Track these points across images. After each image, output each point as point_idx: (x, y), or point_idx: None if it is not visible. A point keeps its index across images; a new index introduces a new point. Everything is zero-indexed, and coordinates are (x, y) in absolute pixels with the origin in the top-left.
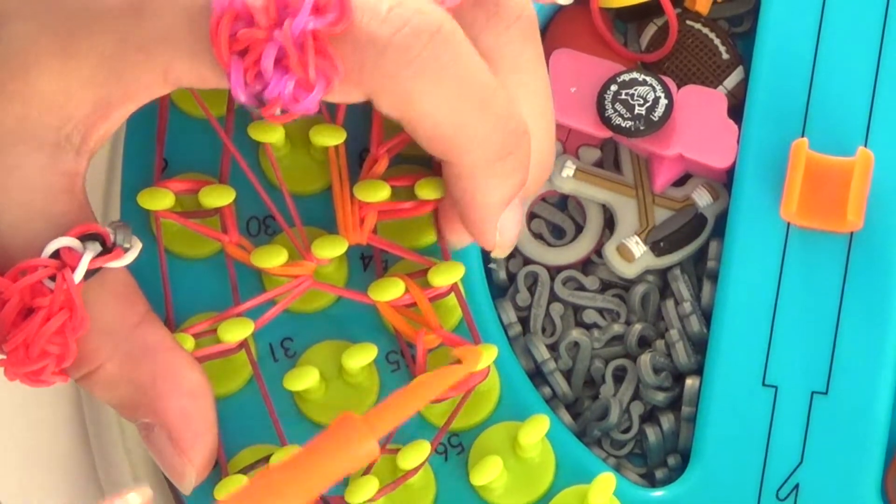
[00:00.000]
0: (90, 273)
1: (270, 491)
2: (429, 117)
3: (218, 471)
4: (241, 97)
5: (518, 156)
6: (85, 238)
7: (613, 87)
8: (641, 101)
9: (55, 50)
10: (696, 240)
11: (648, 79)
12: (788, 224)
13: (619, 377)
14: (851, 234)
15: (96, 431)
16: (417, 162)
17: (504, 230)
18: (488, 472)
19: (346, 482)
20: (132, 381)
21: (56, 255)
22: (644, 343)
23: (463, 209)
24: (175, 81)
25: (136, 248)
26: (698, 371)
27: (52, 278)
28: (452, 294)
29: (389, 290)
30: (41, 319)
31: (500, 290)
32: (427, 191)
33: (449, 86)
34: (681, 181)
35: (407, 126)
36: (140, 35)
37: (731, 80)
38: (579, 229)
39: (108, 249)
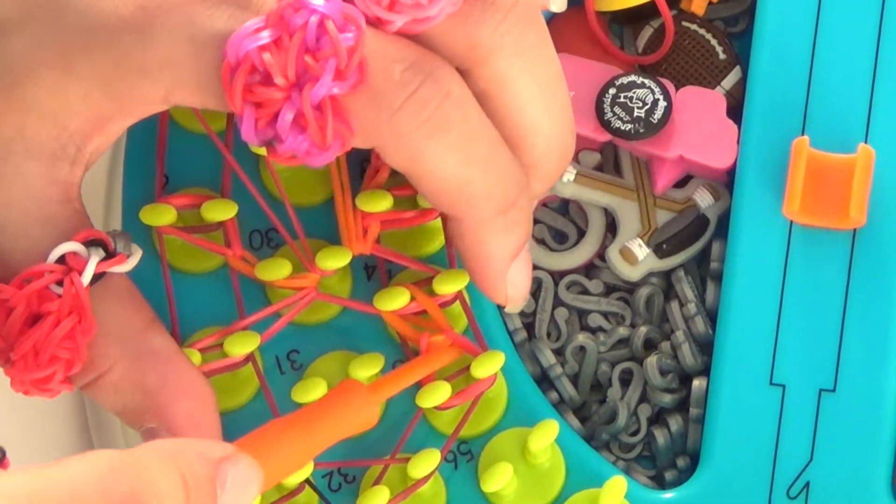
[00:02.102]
0: (96, 278)
1: (273, 443)
2: (435, 174)
3: None
4: (253, 142)
5: (520, 206)
6: (88, 244)
7: (612, 91)
8: (640, 104)
9: (53, 64)
10: (698, 241)
11: (647, 81)
12: (791, 222)
13: (625, 380)
14: (854, 230)
15: (97, 427)
16: None
17: (515, 283)
18: (499, 479)
19: (356, 493)
20: (140, 385)
21: (61, 260)
22: (650, 345)
23: (471, 265)
24: (174, 102)
25: (137, 255)
26: (705, 372)
27: (59, 284)
28: (458, 302)
29: (395, 300)
30: (50, 324)
31: None
32: None
33: (456, 146)
34: (682, 182)
35: (413, 180)
36: (141, 57)
37: (729, 81)
38: (581, 234)
39: (111, 255)
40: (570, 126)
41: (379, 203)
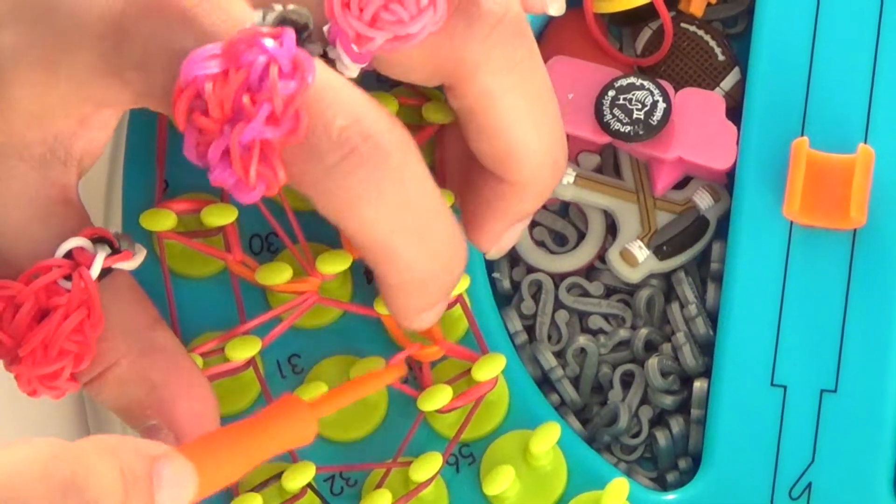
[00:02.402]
0: (103, 274)
1: (209, 452)
2: (359, 236)
3: (229, 491)
4: (194, 161)
5: (441, 284)
6: (93, 241)
7: (611, 93)
8: (639, 106)
9: (37, 66)
10: (699, 242)
11: (646, 83)
12: (791, 223)
13: (626, 382)
14: (855, 231)
15: (97, 429)
16: None
17: (424, 321)
18: (500, 482)
19: (358, 497)
20: (144, 380)
21: (68, 256)
22: (651, 347)
23: (386, 304)
24: (144, 105)
25: (141, 253)
26: (706, 373)
27: (67, 279)
28: (458, 305)
29: None
30: (59, 318)
31: (504, 299)
32: None
33: (386, 214)
34: (681, 184)
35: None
36: (117, 61)
37: (728, 82)
38: (581, 236)
39: (117, 251)
40: (560, 142)
41: None
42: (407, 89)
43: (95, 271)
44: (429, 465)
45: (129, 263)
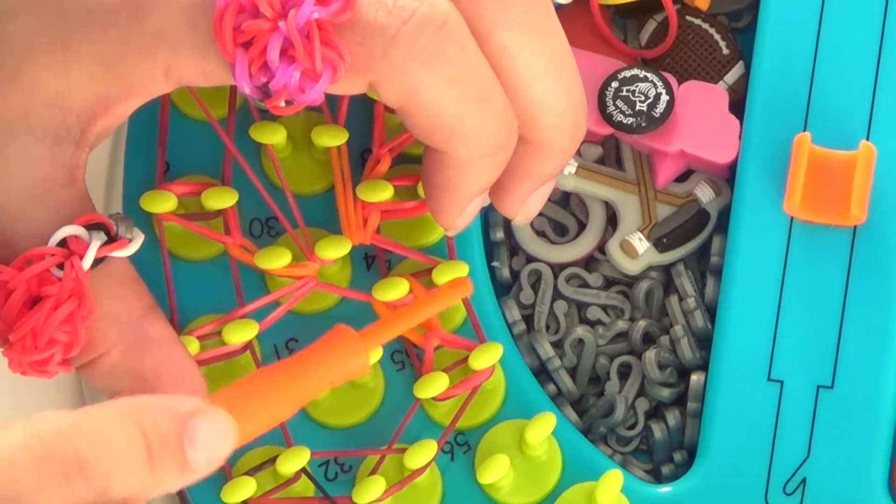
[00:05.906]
0: (97, 262)
1: (256, 393)
2: (431, 108)
3: (222, 473)
4: (246, 90)
5: (507, 152)
6: (90, 228)
7: (614, 84)
8: (643, 98)
9: (55, 46)
10: (699, 235)
11: (649, 75)
12: (792, 218)
13: (624, 374)
14: (855, 227)
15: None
16: (419, 161)
17: (468, 215)
18: (495, 471)
19: (353, 483)
20: (134, 372)
21: (62, 243)
22: (649, 339)
23: (436, 192)
24: (177, 79)
25: (138, 239)
26: (703, 367)
27: (60, 267)
28: None
29: (393, 290)
30: (50, 307)
31: (503, 289)
32: None
33: (452, 79)
34: (683, 177)
35: (406, 115)
36: (140, 32)
37: (732, 76)
38: (582, 227)
39: (112, 239)
40: (579, 101)
41: (379, 193)
42: None
43: (88, 261)
44: (424, 453)
45: (124, 251)
